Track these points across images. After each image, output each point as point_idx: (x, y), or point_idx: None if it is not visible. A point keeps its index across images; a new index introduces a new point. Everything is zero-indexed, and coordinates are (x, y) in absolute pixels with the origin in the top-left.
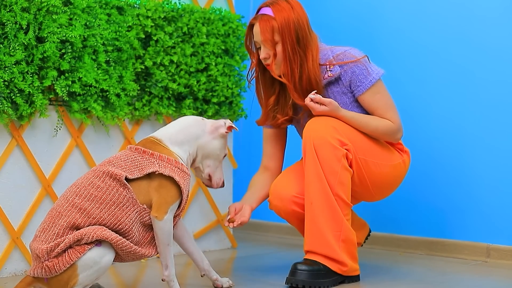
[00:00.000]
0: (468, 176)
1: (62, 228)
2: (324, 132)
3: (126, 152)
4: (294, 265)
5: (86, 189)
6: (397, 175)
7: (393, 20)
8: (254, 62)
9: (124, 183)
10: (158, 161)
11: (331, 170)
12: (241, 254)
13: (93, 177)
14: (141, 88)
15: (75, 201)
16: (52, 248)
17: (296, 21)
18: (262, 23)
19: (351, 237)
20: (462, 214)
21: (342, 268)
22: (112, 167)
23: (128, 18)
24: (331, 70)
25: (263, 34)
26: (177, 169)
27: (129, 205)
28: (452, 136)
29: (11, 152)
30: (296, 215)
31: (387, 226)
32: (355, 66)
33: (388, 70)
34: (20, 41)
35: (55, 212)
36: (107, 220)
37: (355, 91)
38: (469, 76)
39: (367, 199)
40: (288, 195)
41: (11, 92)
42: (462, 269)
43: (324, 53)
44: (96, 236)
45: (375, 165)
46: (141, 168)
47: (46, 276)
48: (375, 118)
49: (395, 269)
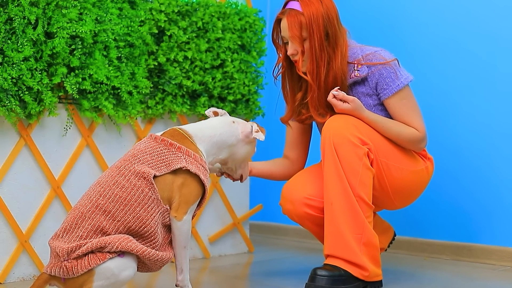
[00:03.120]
0: (496, 178)
1: (86, 230)
2: (344, 130)
3: (150, 143)
4: (314, 270)
5: (111, 189)
6: (420, 182)
7: (418, 15)
8: (281, 56)
9: (151, 183)
10: (185, 156)
11: (352, 170)
12: (258, 259)
13: (118, 175)
14: (154, 86)
15: (99, 202)
16: (74, 249)
17: (326, 15)
18: (290, 18)
19: (373, 240)
20: (489, 217)
21: (364, 273)
22: (139, 163)
23: (141, 12)
24: (358, 70)
25: (291, 30)
26: (202, 167)
27: (154, 206)
28: (479, 135)
29: (19, 152)
30: (310, 218)
31: (411, 229)
32: (383, 69)
33: (412, 67)
34: (28, 37)
35: (78, 213)
36: (132, 223)
37: (381, 94)
38: (497, 74)
39: (387, 207)
40: (299, 197)
41: (19, 90)
42: (490, 275)
43: (353, 51)
44: (120, 247)
45: (396, 169)
46: (168, 164)
47: (63, 276)
48: (399, 123)
49: (419, 275)
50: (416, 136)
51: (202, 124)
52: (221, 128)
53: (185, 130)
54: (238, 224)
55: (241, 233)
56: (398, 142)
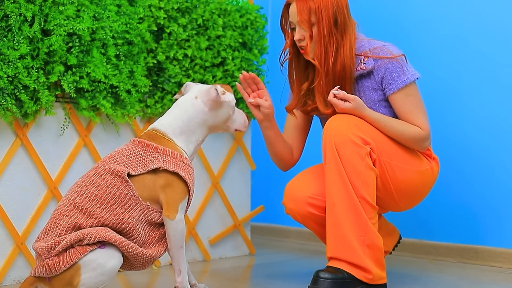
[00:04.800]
0: (504, 178)
1: (64, 228)
2: (346, 129)
3: (129, 145)
4: (317, 273)
5: (87, 188)
6: (425, 183)
7: (425, 12)
8: (288, 42)
9: (126, 180)
10: (163, 156)
11: (354, 170)
12: (259, 261)
13: (94, 174)
14: (153, 84)
15: (76, 201)
16: (53, 246)
17: (336, 2)
18: (299, 3)
19: (377, 242)
20: (496, 219)
21: (367, 276)
22: (114, 163)
23: (139, 9)
24: (364, 62)
25: (300, 15)
26: (183, 163)
27: (131, 204)
28: (486, 135)
29: (15, 152)
30: (313, 218)
31: (416, 231)
32: (390, 63)
33: (419, 65)
34: (24, 34)
35: (57, 213)
36: (109, 220)
37: (387, 88)
38: (506, 72)
39: (392, 208)
40: (302, 196)
41: (15, 89)
42: (497, 278)
43: (361, 44)
44: (98, 237)
45: (400, 169)
46: (144, 164)
47: (47, 275)
48: (402, 122)
49: (424, 278)
50: (420, 135)
51: (169, 117)
52: (186, 113)
53: (157, 130)
54: (239, 226)
55: (242, 235)
56: (402, 141)
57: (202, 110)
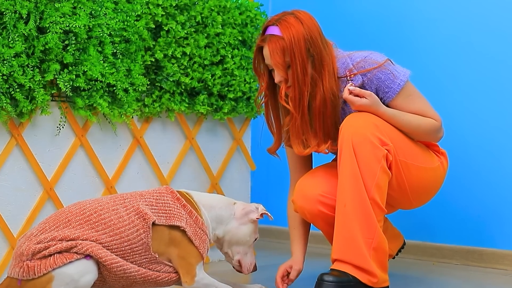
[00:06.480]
0: (508, 179)
1: (63, 237)
2: (365, 128)
3: (161, 189)
4: (321, 276)
5: (109, 213)
6: (437, 179)
7: (427, 13)
8: (263, 85)
9: (148, 227)
10: (187, 216)
11: (369, 171)
12: (259, 264)
13: (120, 205)
14: (151, 83)
15: (92, 218)
16: (41, 250)
17: (308, 36)
18: (271, 45)
19: (383, 245)
20: (501, 221)
21: (372, 279)
22: (144, 203)
23: (137, 6)
24: (352, 79)
25: (273, 58)
26: (202, 231)
27: (141, 250)
28: (490, 137)
29: (10, 152)
30: (323, 217)
31: (420, 233)
32: (379, 72)
33: (419, 65)
34: (20, 32)
35: (64, 217)
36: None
37: (385, 97)
38: (508, 74)
39: (403, 207)
40: (314, 194)
41: (10, 87)
42: (502, 281)
43: (342, 62)
44: (90, 251)
45: (415, 168)
46: (168, 216)
47: (22, 277)
48: (416, 116)
49: (428, 281)
50: (435, 126)
51: (205, 194)
52: (221, 203)
53: (190, 194)
54: None
55: None
56: (418, 135)
57: (230, 212)
